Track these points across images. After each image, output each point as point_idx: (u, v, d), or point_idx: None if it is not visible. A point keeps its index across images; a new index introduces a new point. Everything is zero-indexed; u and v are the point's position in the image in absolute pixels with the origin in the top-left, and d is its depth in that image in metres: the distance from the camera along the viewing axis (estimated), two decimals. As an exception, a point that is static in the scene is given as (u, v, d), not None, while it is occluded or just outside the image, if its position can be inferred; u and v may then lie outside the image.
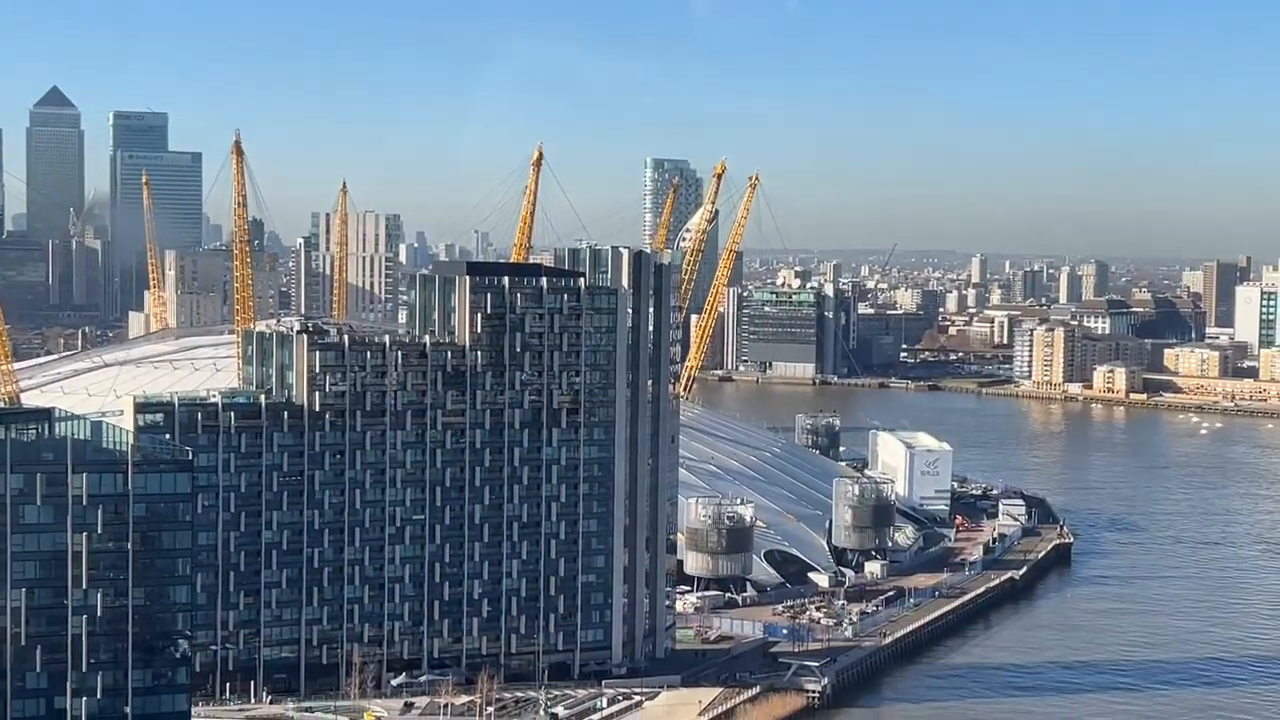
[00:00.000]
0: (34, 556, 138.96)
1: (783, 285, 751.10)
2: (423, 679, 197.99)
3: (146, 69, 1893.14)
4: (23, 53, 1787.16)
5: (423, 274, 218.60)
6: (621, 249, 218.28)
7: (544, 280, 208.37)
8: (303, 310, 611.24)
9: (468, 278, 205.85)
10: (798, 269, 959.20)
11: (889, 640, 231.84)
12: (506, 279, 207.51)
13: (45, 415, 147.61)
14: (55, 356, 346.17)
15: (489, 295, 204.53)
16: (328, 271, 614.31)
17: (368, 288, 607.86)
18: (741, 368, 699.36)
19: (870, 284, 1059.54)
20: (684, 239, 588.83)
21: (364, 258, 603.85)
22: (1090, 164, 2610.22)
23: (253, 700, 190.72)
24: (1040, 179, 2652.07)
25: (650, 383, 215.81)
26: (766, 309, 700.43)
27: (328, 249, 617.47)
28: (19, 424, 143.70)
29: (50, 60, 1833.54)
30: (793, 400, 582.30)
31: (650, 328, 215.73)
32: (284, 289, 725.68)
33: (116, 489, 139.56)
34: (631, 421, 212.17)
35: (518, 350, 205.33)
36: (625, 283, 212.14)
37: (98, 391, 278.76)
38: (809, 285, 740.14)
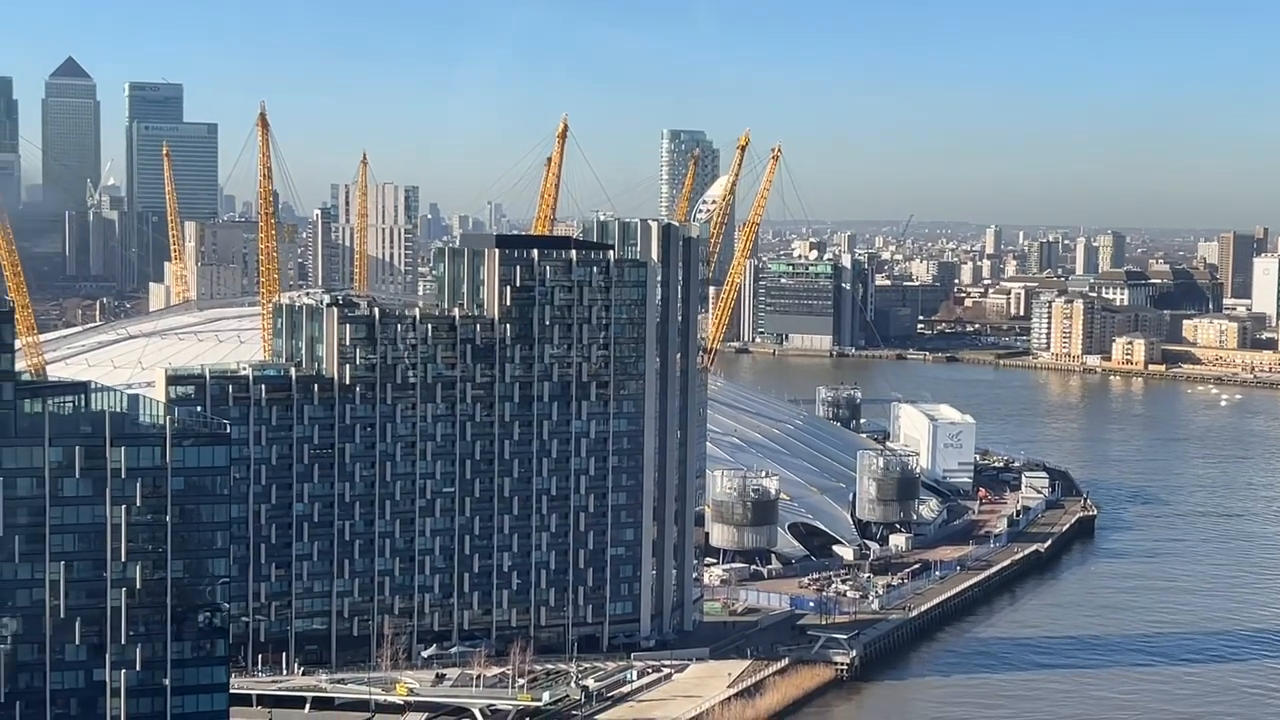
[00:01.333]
0: (73, 529, 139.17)
1: (799, 257, 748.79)
2: (453, 651, 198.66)
3: (161, 40, 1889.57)
4: (39, 24, 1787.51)
5: (451, 247, 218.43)
6: (651, 222, 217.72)
7: (573, 253, 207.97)
8: (319, 282, 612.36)
9: (497, 250, 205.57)
10: (812, 240, 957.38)
11: (916, 613, 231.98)
12: (535, 252, 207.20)
13: (82, 388, 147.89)
14: (80, 328, 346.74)
15: (518, 268, 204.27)
16: (347, 243, 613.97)
17: (387, 259, 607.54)
18: (758, 339, 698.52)
19: (885, 255, 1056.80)
20: (701, 211, 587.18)
21: (383, 229, 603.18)
22: (1104, 135, 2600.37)
23: (284, 671, 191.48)
24: (1054, 150, 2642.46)
25: (679, 356, 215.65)
26: (783, 281, 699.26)
27: (347, 221, 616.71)
28: (55, 396, 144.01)
29: (66, 31, 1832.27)
30: (810, 372, 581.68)
31: (679, 301, 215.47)
32: (301, 261, 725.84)
33: (155, 462, 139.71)
34: (660, 395, 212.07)
35: (547, 323, 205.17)
36: (654, 255, 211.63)
37: (123, 364, 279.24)
38: (825, 257, 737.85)
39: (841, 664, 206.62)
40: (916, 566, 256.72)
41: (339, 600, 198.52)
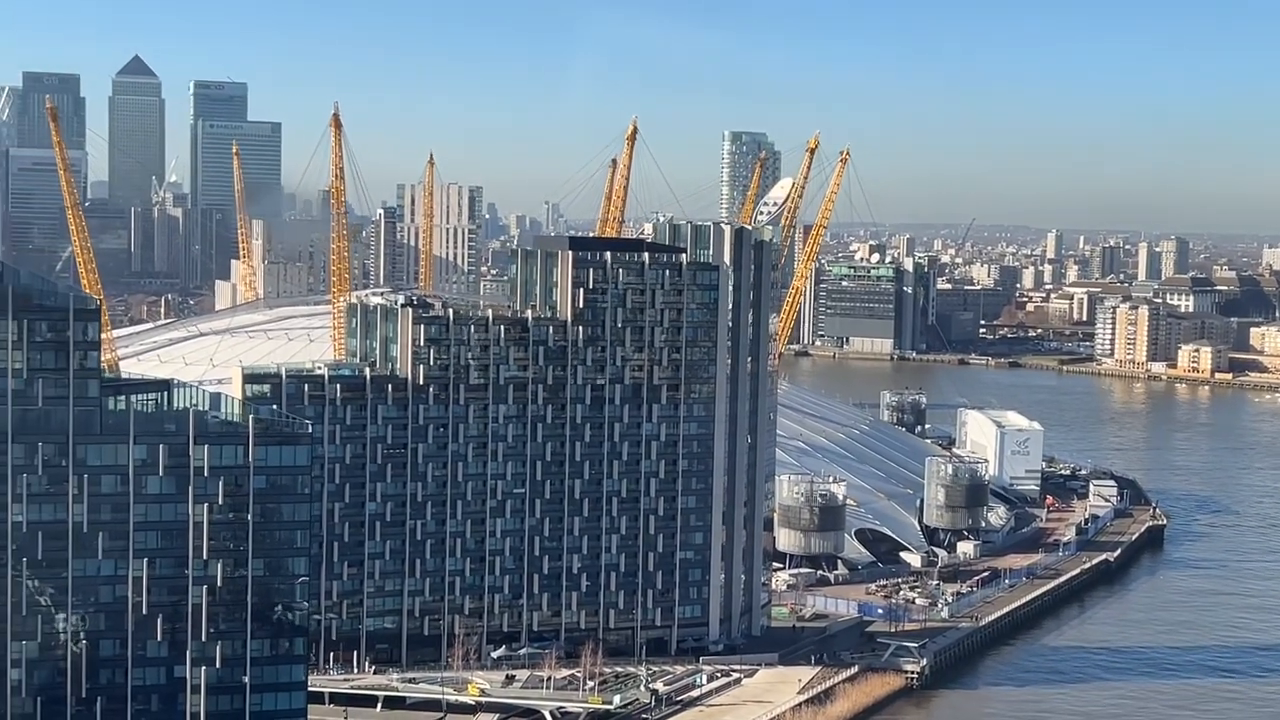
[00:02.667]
0: (155, 527, 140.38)
1: (861, 260, 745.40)
2: (522, 652, 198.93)
3: (226, 38, 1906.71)
4: (106, 22, 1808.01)
5: (525, 248, 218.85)
6: (724, 225, 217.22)
7: (646, 256, 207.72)
8: (381, 281, 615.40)
9: (570, 253, 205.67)
10: (872, 243, 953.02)
11: (986, 622, 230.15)
12: (608, 254, 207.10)
13: (164, 386, 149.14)
14: (151, 325, 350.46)
15: (591, 270, 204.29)
16: (412, 243, 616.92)
17: (450, 259, 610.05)
18: (818, 342, 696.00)
19: (944, 259, 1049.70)
20: (762, 213, 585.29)
21: (447, 229, 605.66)
22: (1166, 138, 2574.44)
23: (355, 670, 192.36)
24: (1115, 154, 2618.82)
25: (749, 359, 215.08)
26: (844, 283, 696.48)
27: (412, 220, 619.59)
28: (139, 394, 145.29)
29: (132, 29, 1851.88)
30: (871, 376, 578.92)
31: (750, 304, 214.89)
32: (363, 260, 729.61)
33: (237, 461, 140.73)
34: (731, 398, 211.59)
35: (619, 325, 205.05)
36: (726, 259, 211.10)
37: (194, 360, 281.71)
38: (887, 260, 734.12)
39: (912, 672, 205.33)
40: (985, 574, 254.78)
41: (410, 599, 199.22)
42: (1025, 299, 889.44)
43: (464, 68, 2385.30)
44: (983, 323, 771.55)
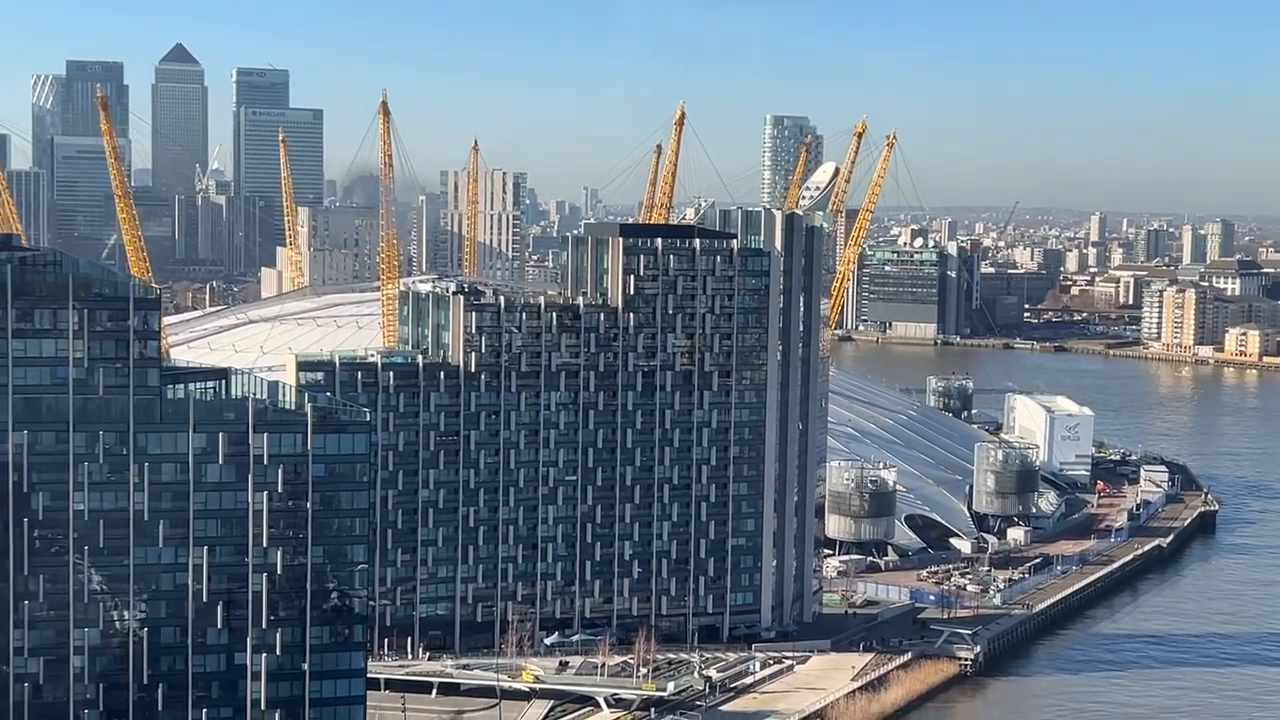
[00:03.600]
0: (215, 515, 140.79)
1: (904, 245, 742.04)
2: (574, 638, 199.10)
3: (267, 26, 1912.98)
4: (149, 10, 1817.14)
5: (575, 235, 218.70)
6: (775, 211, 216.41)
7: (696, 242, 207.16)
8: (423, 268, 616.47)
9: (621, 239, 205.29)
10: (914, 227, 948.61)
11: (1039, 609, 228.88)
12: (659, 241, 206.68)
13: (222, 374, 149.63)
14: (200, 312, 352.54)
15: (642, 257, 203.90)
16: (456, 229, 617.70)
17: (493, 245, 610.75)
18: (861, 327, 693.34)
19: (986, 242, 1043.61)
20: (804, 197, 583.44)
21: (491, 215, 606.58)
22: (1210, 119, 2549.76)
23: (409, 656, 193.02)
24: (1158, 135, 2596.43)
25: (800, 345, 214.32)
26: (887, 268, 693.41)
27: (455, 207, 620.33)
28: (197, 382, 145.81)
29: (175, 16, 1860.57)
30: (914, 361, 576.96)
31: (801, 290, 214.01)
32: (406, 246, 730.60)
33: (296, 449, 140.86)
34: (782, 384, 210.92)
35: (670, 312, 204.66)
36: (777, 245, 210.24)
37: (244, 348, 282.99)
38: (930, 244, 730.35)
39: (966, 659, 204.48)
40: (1037, 561, 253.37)
41: (463, 586, 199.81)
42: (1069, 282, 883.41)
43: (504, 54, 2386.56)
44: (1027, 307, 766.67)
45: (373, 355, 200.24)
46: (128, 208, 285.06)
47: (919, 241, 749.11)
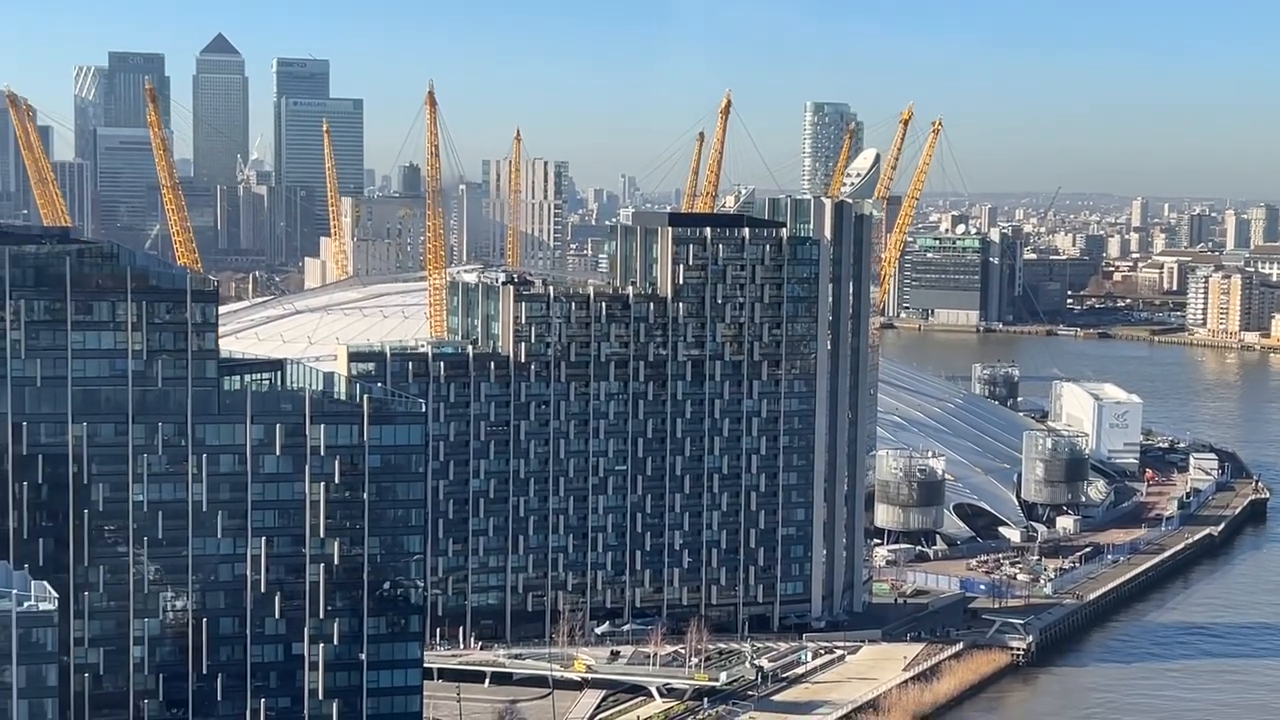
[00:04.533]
0: (273, 505, 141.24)
1: (946, 232, 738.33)
2: (625, 628, 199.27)
3: (307, 16, 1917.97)
4: (190, 1, 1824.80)
5: (624, 224, 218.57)
6: (824, 199, 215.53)
7: (746, 231, 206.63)
8: (464, 258, 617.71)
9: (670, 229, 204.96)
10: (954, 213, 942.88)
11: (1091, 598, 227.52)
12: (708, 230, 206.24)
13: (277, 365, 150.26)
14: (248, 303, 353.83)
15: (691, 246, 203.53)
16: (498, 218, 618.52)
17: (536, 234, 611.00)
18: (903, 314, 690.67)
19: (1026, 228, 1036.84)
20: (845, 184, 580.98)
21: (532, 205, 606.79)
22: (1250, 103, 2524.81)
23: (461, 646, 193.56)
24: (1197, 120, 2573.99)
25: (850, 334, 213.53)
26: (929, 255, 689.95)
27: (497, 196, 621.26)
28: (253, 374, 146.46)
29: (216, 7, 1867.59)
30: (957, 348, 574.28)
31: (850, 278, 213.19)
32: (447, 236, 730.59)
33: (353, 440, 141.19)
34: (831, 373, 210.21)
35: (719, 301, 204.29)
36: (827, 233, 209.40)
37: (292, 338, 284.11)
38: (972, 230, 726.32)
39: (1018, 649, 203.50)
40: (1087, 550, 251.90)
41: (514, 576, 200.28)
42: (1112, 268, 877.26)
43: (539, 43, 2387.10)
44: (1069, 293, 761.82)
45: (423, 346, 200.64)
46: (177, 199, 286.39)
47: (961, 228, 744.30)
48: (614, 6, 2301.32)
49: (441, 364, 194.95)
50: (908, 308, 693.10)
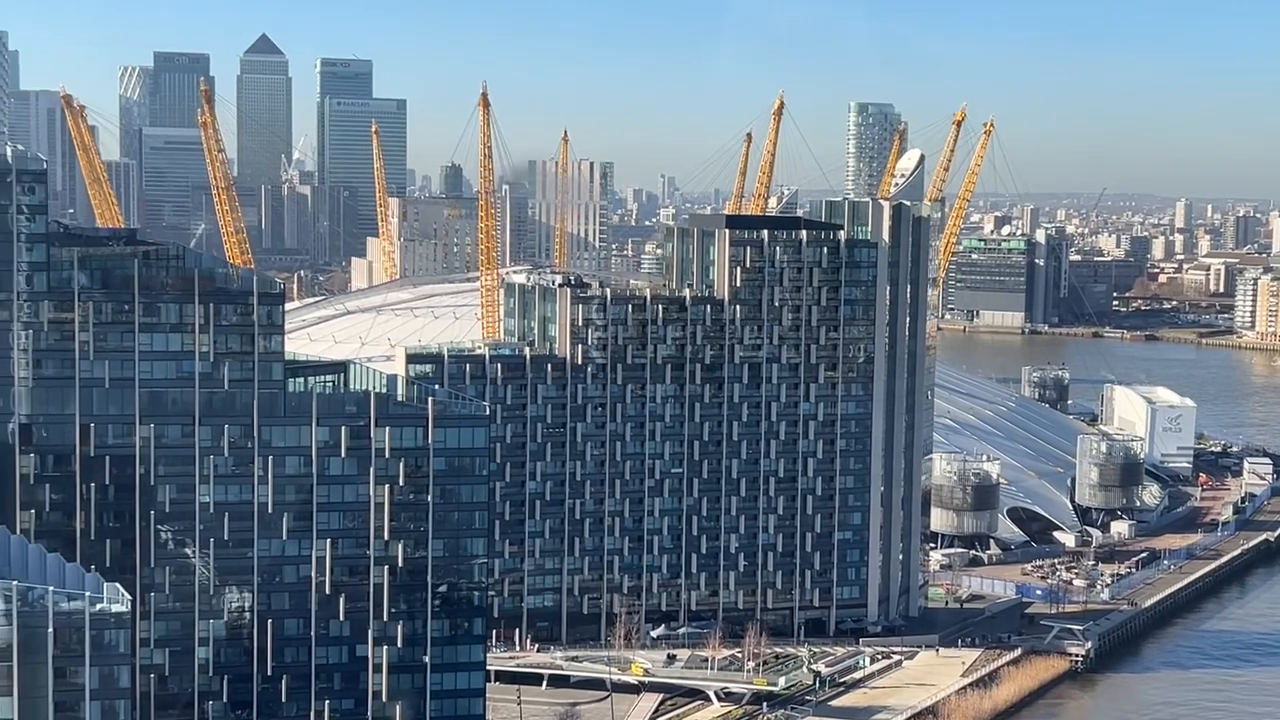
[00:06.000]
0: (338, 508, 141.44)
1: (989, 232, 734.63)
2: (681, 631, 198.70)
3: (351, 15, 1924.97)
4: (235, 2, 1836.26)
5: (680, 226, 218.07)
6: (882, 201, 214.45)
7: (803, 233, 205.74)
8: (507, 259, 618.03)
9: (727, 231, 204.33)
10: (997, 214, 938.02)
11: (1149, 604, 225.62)
12: (765, 232, 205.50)
13: (341, 368, 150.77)
14: (299, 303, 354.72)
15: (748, 249, 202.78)
16: (543, 219, 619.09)
17: (581, 235, 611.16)
18: (947, 316, 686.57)
19: (1069, 229, 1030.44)
20: (890, 185, 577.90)
21: (578, 205, 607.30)
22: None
23: (517, 648, 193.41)
24: (1241, 120, 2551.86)
25: (907, 337, 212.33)
26: (974, 256, 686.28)
27: (543, 196, 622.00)
28: (318, 376, 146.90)
29: (260, 8, 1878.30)
30: (1002, 350, 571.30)
31: (908, 281, 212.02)
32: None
33: (417, 442, 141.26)
34: (888, 377, 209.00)
35: (776, 304, 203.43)
36: (885, 236, 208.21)
37: (344, 339, 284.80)
38: (1018, 232, 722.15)
39: (1076, 655, 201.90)
40: (1143, 555, 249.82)
41: (569, 578, 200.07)
42: (1157, 270, 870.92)
43: (576, 43, 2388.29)
44: (1115, 295, 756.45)
45: (480, 347, 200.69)
46: (231, 199, 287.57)
47: (1006, 229, 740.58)
48: (655, 6, 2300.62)
49: (499, 366, 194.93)
50: (952, 309, 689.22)
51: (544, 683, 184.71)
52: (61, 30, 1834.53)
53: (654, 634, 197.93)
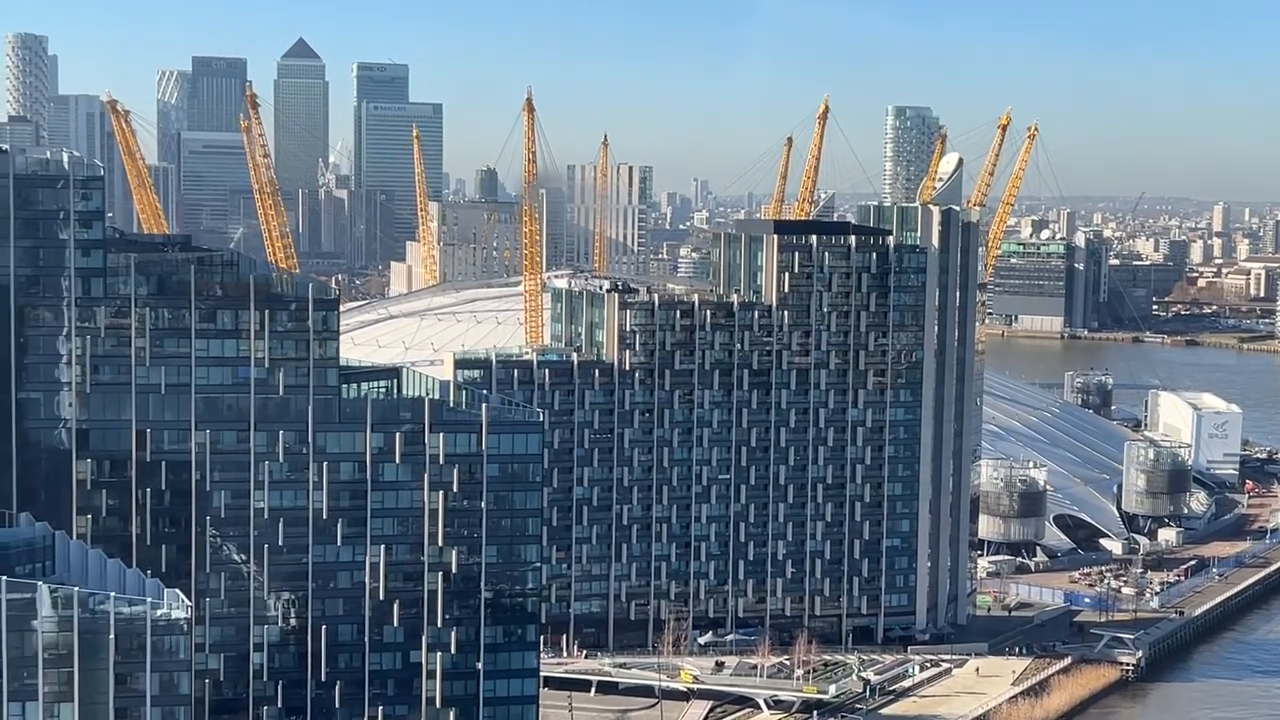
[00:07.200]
0: (392, 514, 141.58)
1: (1029, 237, 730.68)
2: (728, 638, 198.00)
3: (387, 19, 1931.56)
4: (272, 5, 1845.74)
5: (728, 232, 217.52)
6: (931, 206, 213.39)
7: (852, 239, 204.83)
8: (544, 264, 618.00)
9: (775, 236, 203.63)
10: (1034, 218, 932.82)
11: (1200, 612, 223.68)
12: (814, 238, 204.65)
13: (394, 373, 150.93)
14: (343, 307, 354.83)
15: (796, 254, 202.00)
16: (581, 223, 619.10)
17: (620, 239, 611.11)
18: (985, 320, 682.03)
19: (1106, 232, 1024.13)
20: (929, 189, 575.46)
21: (617, 210, 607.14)
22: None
23: (565, 654, 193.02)
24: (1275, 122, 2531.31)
25: (956, 343, 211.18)
26: (1013, 260, 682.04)
27: (581, 200, 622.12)
28: (371, 381, 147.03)
29: (297, 12, 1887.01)
30: (1042, 355, 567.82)
31: (957, 287, 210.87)
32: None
33: (471, 449, 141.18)
34: (937, 383, 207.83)
35: (824, 310, 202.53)
36: (934, 241, 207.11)
37: (388, 343, 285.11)
38: (1058, 236, 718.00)
39: (1127, 664, 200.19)
40: (1192, 563, 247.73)
41: (616, 584, 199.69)
42: (1196, 274, 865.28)
43: (611, 47, 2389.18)
44: (1154, 299, 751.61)
45: (528, 353, 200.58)
46: (277, 203, 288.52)
47: (1045, 233, 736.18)
48: (685, 11, 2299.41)
49: (546, 371, 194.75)
50: (990, 313, 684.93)
51: (592, 689, 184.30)
52: (100, 35, 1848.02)
53: (701, 641, 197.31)
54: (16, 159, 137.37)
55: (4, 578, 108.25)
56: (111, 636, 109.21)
